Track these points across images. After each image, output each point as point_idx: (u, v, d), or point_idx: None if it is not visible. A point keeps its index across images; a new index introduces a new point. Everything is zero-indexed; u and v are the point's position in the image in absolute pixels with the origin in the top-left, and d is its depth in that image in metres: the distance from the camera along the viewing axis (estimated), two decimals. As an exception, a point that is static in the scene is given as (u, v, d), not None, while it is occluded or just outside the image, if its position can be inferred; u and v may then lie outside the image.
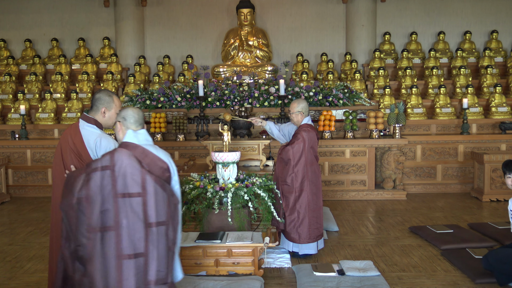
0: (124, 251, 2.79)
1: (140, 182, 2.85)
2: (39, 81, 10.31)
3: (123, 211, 2.81)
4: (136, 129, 3.05)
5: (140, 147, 2.99)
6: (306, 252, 4.94)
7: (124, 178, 2.84)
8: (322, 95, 8.48)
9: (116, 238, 2.79)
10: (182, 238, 4.48)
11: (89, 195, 2.81)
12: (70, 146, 3.47)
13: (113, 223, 2.80)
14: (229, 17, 11.26)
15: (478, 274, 4.33)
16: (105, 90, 3.60)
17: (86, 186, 2.83)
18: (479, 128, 8.76)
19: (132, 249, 2.80)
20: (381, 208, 7.21)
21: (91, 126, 3.47)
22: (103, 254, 2.78)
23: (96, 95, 3.52)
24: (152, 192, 2.87)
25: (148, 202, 2.85)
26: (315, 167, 4.95)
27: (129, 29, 10.97)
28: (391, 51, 10.96)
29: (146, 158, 2.96)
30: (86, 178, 2.85)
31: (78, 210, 2.83)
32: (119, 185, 2.83)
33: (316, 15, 11.28)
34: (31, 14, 11.47)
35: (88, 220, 2.80)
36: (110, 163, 2.86)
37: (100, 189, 2.82)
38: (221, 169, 4.90)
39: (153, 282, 2.84)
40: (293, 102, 5.07)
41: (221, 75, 9.80)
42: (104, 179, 2.83)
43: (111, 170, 2.84)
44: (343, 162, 7.92)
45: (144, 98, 8.55)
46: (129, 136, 3.02)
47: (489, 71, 9.78)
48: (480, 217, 6.64)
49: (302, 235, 4.86)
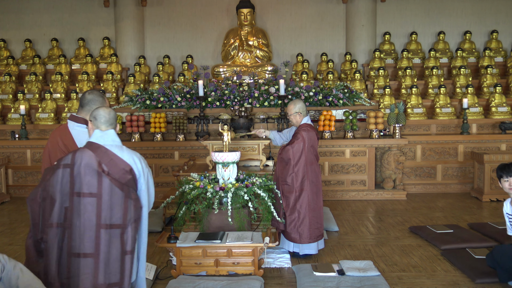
0: (74, 250, 2.83)
1: (95, 183, 2.87)
2: (39, 81, 10.31)
3: (77, 210, 2.85)
4: (105, 129, 3.05)
5: (102, 147, 2.99)
6: (306, 252, 4.94)
7: (81, 178, 2.87)
8: (322, 95, 8.48)
9: (69, 236, 2.84)
10: (182, 238, 4.48)
11: (49, 191, 2.87)
12: (60, 148, 3.48)
13: (67, 221, 2.85)
14: (229, 17, 11.26)
15: (478, 274, 4.33)
16: (95, 90, 3.62)
17: (48, 182, 2.89)
18: (479, 128, 8.76)
19: (82, 248, 2.83)
20: (381, 208, 7.21)
21: (81, 126, 3.48)
22: (58, 250, 2.84)
23: (88, 96, 3.52)
24: (107, 194, 2.88)
25: (101, 204, 2.87)
26: (315, 167, 4.95)
27: (129, 29, 10.97)
28: (391, 51, 10.96)
29: (107, 159, 2.96)
30: (50, 174, 2.90)
31: (40, 205, 2.89)
32: (76, 184, 2.87)
33: (316, 15, 11.28)
34: (31, 14, 11.47)
35: (48, 215, 2.86)
36: (71, 161, 2.90)
37: (60, 186, 2.87)
38: (221, 169, 4.89)
39: (103, 285, 2.85)
40: (289, 104, 5.08)
41: (221, 75, 9.80)
42: (64, 177, 2.89)
43: (70, 168, 2.89)
44: (343, 162, 7.92)
45: (144, 98, 8.55)
46: (95, 136, 3.03)
47: (489, 71, 9.78)
48: (480, 217, 6.64)
49: (303, 235, 4.86)
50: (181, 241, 4.43)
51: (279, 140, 5.50)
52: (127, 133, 8.30)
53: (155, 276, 4.49)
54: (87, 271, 2.83)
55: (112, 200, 2.89)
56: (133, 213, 2.95)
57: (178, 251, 4.41)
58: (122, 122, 8.30)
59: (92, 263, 2.83)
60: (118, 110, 8.61)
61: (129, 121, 8.09)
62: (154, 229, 6.03)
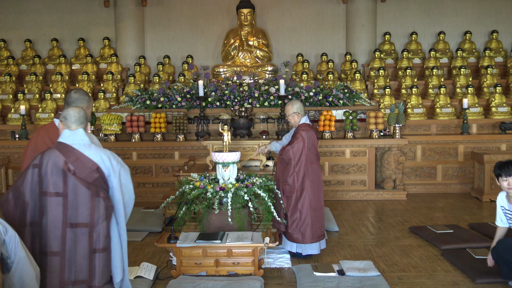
0: (43, 248, 2.90)
1: (61, 183, 2.92)
2: (39, 81, 10.31)
3: (44, 210, 2.91)
4: (75, 128, 3.08)
5: (69, 146, 3.01)
6: (309, 253, 4.92)
7: (47, 177, 2.92)
8: (322, 95, 8.48)
9: (39, 235, 2.91)
10: (182, 238, 4.48)
11: (21, 191, 2.93)
12: (47, 144, 3.56)
13: (37, 220, 2.92)
14: (229, 17, 11.26)
15: (478, 274, 4.32)
16: (80, 89, 3.67)
17: (20, 182, 2.96)
18: (479, 128, 8.76)
19: (49, 246, 2.89)
20: (381, 208, 7.21)
21: None
22: (31, 248, 2.89)
23: (74, 94, 3.57)
24: (72, 193, 2.92)
25: (67, 203, 2.91)
26: (316, 166, 4.94)
27: (129, 29, 10.97)
28: (391, 51, 10.96)
29: (74, 158, 2.98)
30: (22, 175, 2.97)
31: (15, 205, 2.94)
32: (44, 184, 2.92)
33: (316, 15, 11.28)
34: (31, 14, 11.47)
35: (22, 215, 2.92)
36: (39, 161, 2.97)
37: (30, 186, 2.93)
38: (221, 169, 4.89)
39: (70, 283, 2.91)
40: (287, 105, 5.07)
41: (221, 75, 9.80)
42: (33, 177, 2.95)
43: (38, 168, 2.95)
44: (343, 162, 7.91)
45: (144, 98, 8.55)
46: (63, 136, 3.07)
47: (489, 71, 9.78)
48: (480, 217, 6.63)
49: (305, 235, 4.84)
50: (181, 241, 4.43)
51: (280, 147, 5.44)
52: (127, 133, 8.30)
53: (155, 276, 4.48)
54: (54, 269, 2.89)
55: (78, 199, 2.94)
56: (102, 212, 2.98)
57: (178, 251, 4.41)
58: (122, 122, 8.30)
59: (58, 261, 2.90)
60: (118, 110, 8.61)
61: (129, 121, 8.09)
62: (154, 229, 6.03)
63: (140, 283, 4.22)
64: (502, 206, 4.26)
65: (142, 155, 8.03)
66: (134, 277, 4.33)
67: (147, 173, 8.01)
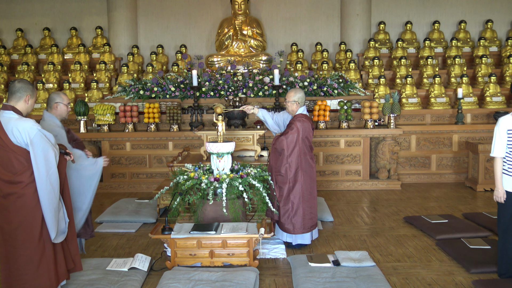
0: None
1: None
2: (31, 71, 10.20)
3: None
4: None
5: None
6: (300, 243, 4.94)
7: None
8: (317, 85, 8.44)
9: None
10: (176, 229, 4.46)
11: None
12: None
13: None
14: (223, 6, 11.16)
15: (473, 264, 4.34)
16: (23, 79, 3.74)
17: None
18: (474, 118, 8.76)
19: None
20: (376, 198, 7.21)
21: (9, 112, 3.58)
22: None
23: (18, 84, 3.66)
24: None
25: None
26: (309, 158, 4.92)
27: (122, 19, 10.85)
28: (386, 41, 10.92)
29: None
30: None
31: None
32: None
33: (310, 5, 11.20)
34: (22, 3, 11.32)
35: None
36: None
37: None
38: (216, 160, 4.86)
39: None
40: (290, 91, 5.00)
41: (215, 65, 9.74)
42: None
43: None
44: (337, 152, 7.90)
45: (137, 88, 8.48)
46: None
47: (484, 61, 9.76)
48: (474, 207, 6.65)
49: (296, 226, 4.84)
50: (175, 232, 4.41)
51: (270, 120, 5.26)
52: (120, 123, 8.24)
53: (150, 268, 4.47)
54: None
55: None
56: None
57: (172, 242, 4.39)
58: (116, 113, 8.23)
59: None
60: (112, 100, 8.53)
61: (123, 111, 8.02)
62: (148, 220, 6.00)
63: (134, 275, 4.21)
64: (509, 129, 4.18)
65: (136, 146, 7.98)
66: (129, 269, 4.31)
67: (141, 164, 7.96)
